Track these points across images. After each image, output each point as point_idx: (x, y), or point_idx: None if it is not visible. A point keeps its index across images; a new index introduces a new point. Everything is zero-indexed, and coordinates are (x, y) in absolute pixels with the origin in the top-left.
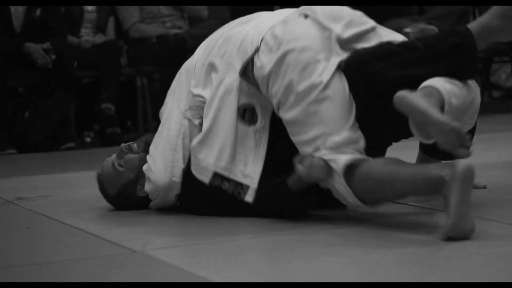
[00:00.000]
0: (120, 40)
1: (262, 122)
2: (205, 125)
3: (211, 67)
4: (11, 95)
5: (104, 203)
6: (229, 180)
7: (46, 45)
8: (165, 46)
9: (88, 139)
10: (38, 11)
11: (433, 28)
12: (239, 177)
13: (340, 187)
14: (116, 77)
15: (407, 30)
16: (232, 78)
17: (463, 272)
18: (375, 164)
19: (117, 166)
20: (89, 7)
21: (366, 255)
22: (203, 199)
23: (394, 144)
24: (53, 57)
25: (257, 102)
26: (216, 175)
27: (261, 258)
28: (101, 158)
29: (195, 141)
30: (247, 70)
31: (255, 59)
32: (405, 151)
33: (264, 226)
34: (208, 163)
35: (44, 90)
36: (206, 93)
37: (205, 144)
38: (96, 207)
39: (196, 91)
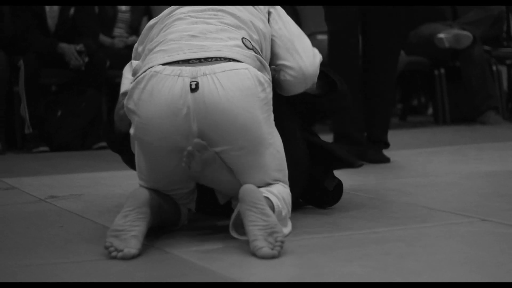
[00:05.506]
0: None
1: None
2: None
3: None
4: (43, 93)
5: None
6: None
7: (80, 46)
8: None
9: None
10: (72, 10)
11: (467, 34)
12: None
13: None
14: None
15: (441, 35)
16: None
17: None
18: None
19: None
20: (123, 7)
21: (398, 261)
22: None
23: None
24: (86, 59)
25: None
26: None
27: (294, 261)
28: None
29: None
30: None
31: None
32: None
33: (297, 228)
34: None
35: (76, 88)
36: None
37: None
38: None
39: None
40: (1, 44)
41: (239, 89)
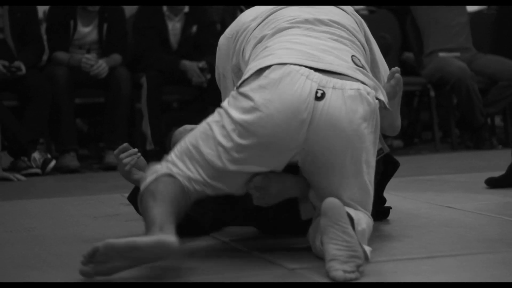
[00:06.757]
0: None
1: None
2: None
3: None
4: (165, 110)
5: None
6: None
7: (202, 64)
8: None
9: None
10: (194, 28)
11: None
12: None
13: None
14: None
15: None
16: None
17: None
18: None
19: None
20: None
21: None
22: None
23: None
24: (209, 76)
25: None
26: None
27: (418, 278)
28: None
29: None
30: None
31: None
32: None
33: (419, 248)
34: None
35: (198, 105)
36: None
37: None
38: None
39: None
40: (124, 62)
41: (360, 115)
